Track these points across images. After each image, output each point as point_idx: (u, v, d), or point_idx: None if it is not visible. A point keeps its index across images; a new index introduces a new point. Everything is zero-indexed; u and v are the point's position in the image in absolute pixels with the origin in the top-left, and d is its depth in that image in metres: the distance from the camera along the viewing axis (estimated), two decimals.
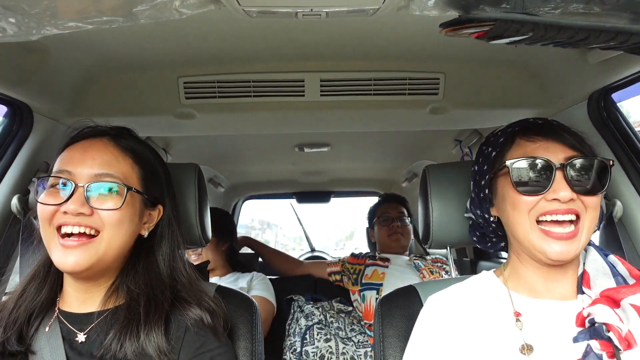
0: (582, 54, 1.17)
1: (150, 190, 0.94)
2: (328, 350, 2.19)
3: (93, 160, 0.87)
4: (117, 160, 0.90)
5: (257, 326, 1.08)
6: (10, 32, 0.74)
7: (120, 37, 1.14)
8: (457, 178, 1.16)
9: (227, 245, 2.26)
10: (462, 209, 1.13)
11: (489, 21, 0.69)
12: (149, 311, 0.86)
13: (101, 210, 0.85)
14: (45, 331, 0.87)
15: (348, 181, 3.58)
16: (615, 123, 1.28)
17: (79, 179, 0.85)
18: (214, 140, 2.21)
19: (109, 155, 0.90)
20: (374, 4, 0.81)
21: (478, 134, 2.01)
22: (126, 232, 0.88)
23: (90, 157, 0.88)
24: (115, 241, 0.86)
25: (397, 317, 1.08)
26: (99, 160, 0.88)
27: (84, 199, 0.84)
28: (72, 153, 0.90)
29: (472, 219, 1.06)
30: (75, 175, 0.86)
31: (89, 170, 0.86)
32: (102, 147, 0.90)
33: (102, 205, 0.85)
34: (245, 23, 1.04)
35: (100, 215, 0.85)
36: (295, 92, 1.39)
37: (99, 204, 0.85)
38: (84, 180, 0.85)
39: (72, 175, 0.86)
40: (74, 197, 0.84)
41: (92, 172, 0.86)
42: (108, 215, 0.85)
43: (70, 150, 0.90)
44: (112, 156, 0.90)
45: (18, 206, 1.24)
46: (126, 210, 0.87)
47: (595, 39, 0.71)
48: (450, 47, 1.25)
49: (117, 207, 0.86)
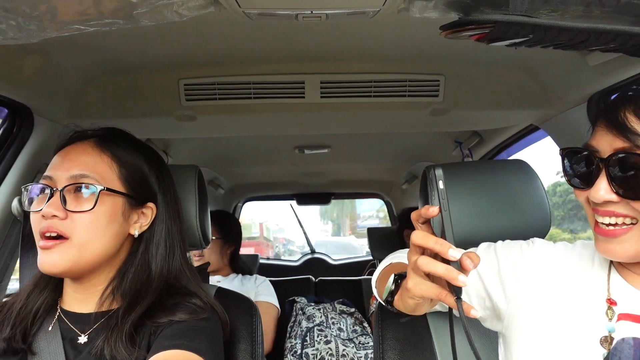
0: (582, 56, 1.17)
1: (135, 190, 0.93)
2: (328, 353, 2.19)
3: (70, 163, 0.88)
4: (94, 161, 0.90)
5: (257, 328, 1.08)
6: (11, 35, 0.74)
7: (121, 39, 1.15)
8: (458, 179, 1.16)
9: (233, 248, 2.27)
10: (463, 210, 1.13)
11: (488, 23, 0.69)
12: (134, 316, 0.85)
13: (74, 212, 0.85)
14: (48, 330, 0.87)
15: (348, 183, 3.58)
16: None
17: (58, 183, 0.86)
18: (214, 142, 2.21)
19: (87, 157, 0.90)
20: (374, 6, 0.81)
21: (478, 135, 2.01)
22: (104, 234, 0.87)
23: (68, 159, 0.89)
24: (92, 243, 0.86)
25: (397, 320, 1.08)
26: (76, 162, 0.88)
27: (60, 203, 0.84)
28: (55, 159, 0.91)
29: None
30: (55, 179, 0.87)
31: (66, 173, 0.87)
32: (81, 150, 0.90)
33: (78, 208, 0.85)
34: (246, 25, 1.04)
35: (74, 218, 0.85)
36: (296, 94, 1.39)
37: (75, 207, 0.85)
38: (62, 183, 0.86)
39: (52, 181, 0.87)
40: (51, 201, 0.84)
41: (69, 174, 0.86)
42: (80, 217, 0.85)
43: (56, 156, 0.92)
44: (90, 157, 0.90)
45: (19, 208, 1.24)
46: (101, 212, 0.87)
47: (595, 41, 0.71)
48: (450, 49, 1.25)
49: (89, 208, 0.85)
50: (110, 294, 0.90)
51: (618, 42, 0.71)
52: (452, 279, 0.64)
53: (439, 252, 0.65)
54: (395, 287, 0.82)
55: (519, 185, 1.14)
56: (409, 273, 0.71)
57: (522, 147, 2.04)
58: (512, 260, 0.89)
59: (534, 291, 0.85)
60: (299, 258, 4.20)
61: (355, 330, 2.37)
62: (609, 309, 0.77)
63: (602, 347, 0.75)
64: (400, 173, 3.03)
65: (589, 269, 0.83)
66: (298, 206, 3.98)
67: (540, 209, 1.13)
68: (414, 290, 0.69)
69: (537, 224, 1.13)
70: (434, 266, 0.65)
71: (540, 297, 0.84)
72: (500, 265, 0.89)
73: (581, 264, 0.84)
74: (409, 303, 0.74)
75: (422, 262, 0.66)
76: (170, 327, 0.85)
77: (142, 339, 0.86)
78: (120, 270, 0.92)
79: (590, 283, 0.81)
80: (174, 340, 0.82)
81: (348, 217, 15.27)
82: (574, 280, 0.83)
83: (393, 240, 2.46)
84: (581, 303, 0.80)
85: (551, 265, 0.86)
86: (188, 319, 0.87)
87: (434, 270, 0.65)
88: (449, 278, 0.64)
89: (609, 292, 0.79)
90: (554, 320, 0.80)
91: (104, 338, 0.83)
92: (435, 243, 0.66)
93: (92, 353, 0.84)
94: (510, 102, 1.44)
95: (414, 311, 0.77)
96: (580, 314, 0.79)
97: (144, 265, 0.93)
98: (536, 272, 0.86)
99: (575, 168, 0.78)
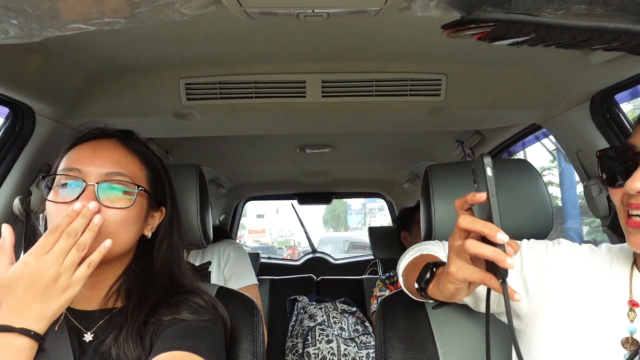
0: (585, 55, 1.16)
1: (156, 192, 0.95)
2: (330, 352, 2.19)
3: (103, 160, 0.88)
4: (127, 160, 0.91)
5: (258, 327, 1.08)
6: (12, 34, 0.74)
7: (122, 39, 1.15)
8: (460, 178, 1.16)
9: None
10: None
11: (491, 22, 0.69)
12: (142, 314, 0.86)
13: (111, 208, 0.85)
14: (55, 329, 0.88)
15: (349, 182, 3.58)
16: (618, 124, 1.28)
17: (88, 178, 0.85)
18: (215, 141, 2.21)
19: (119, 155, 0.90)
20: (375, 5, 0.80)
21: (480, 135, 2.01)
22: (130, 231, 0.89)
23: (100, 156, 0.88)
24: (119, 237, 0.86)
25: (398, 319, 1.08)
26: (109, 160, 0.88)
27: (95, 197, 0.84)
28: (81, 152, 0.89)
29: None
30: (85, 173, 0.86)
31: (99, 169, 0.86)
32: (111, 147, 0.91)
33: (112, 204, 0.85)
34: (247, 24, 1.04)
35: (108, 213, 0.85)
36: (297, 94, 1.39)
37: (109, 203, 0.85)
38: (94, 179, 0.85)
39: (81, 174, 0.86)
40: (84, 195, 0.83)
41: (102, 171, 0.86)
42: (116, 214, 0.85)
43: (78, 149, 0.90)
44: (122, 156, 0.90)
45: (20, 207, 1.25)
46: (134, 210, 0.88)
47: (597, 40, 0.71)
48: (452, 47, 1.25)
49: (127, 206, 0.86)
50: (117, 291, 0.91)
51: (621, 41, 0.71)
52: (500, 261, 0.65)
53: (487, 234, 0.66)
54: (431, 275, 0.83)
55: (520, 185, 1.14)
56: (452, 258, 0.72)
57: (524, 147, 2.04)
58: (536, 258, 0.90)
59: (557, 291, 0.85)
60: (299, 257, 4.20)
61: (356, 330, 2.37)
62: (630, 311, 0.78)
63: (624, 348, 0.75)
64: (402, 172, 3.03)
65: (611, 270, 0.84)
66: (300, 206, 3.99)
67: (543, 209, 1.13)
68: (457, 274, 0.70)
69: (539, 224, 1.13)
70: (483, 248, 0.66)
71: (562, 297, 0.84)
72: (524, 263, 0.90)
73: (604, 266, 0.85)
74: (448, 288, 0.74)
75: (470, 244, 0.67)
76: (172, 327, 0.85)
77: (145, 338, 0.86)
78: (128, 268, 0.93)
79: (613, 284, 0.82)
80: (176, 341, 0.82)
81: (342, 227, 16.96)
82: (596, 281, 0.84)
83: (394, 240, 2.46)
84: (603, 304, 0.81)
85: (575, 266, 0.87)
86: (191, 318, 0.87)
87: (483, 252, 0.66)
88: (497, 260, 0.65)
89: (631, 293, 0.79)
90: (575, 321, 0.81)
91: (113, 337, 0.84)
92: (484, 226, 0.67)
93: (98, 351, 0.85)
94: (512, 101, 1.44)
95: (452, 297, 0.78)
96: (601, 315, 0.79)
97: (150, 264, 0.94)
98: (560, 272, 0.87)
99: (612, 167, 0.79)
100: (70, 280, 0.76)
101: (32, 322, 0.74)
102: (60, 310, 0.77)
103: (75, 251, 0.76)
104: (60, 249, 0.76)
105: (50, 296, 0.75)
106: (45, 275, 0.74)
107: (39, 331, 0.75)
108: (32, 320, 0.74)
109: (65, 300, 0.77)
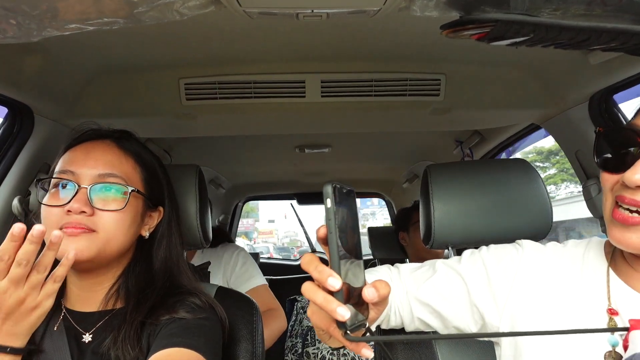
0: (584, 55, 1.16)
1: (152, 192, 0.95)
2: (329, 352, 2.19)
3: (96, 161, 0.88)
4: (120, 161, 0.91)
5: (258, 327, 1.08)
6: (10, 34, 0.74)
7: (121, 39, 1.14)
8: (459, 178, 1.16)
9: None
10: (464, 209, 1.13)
11: (489, 22, 0.69)
12: (141, 315, 0.86)
13: (104, 211, 0.85)
14: (54, 330, 0.88)
15: (349, 182, 3.57)
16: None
17: (82, 180, 0.86)
18: (214, 141, 2.21)
19: (112, 156, 0.90)
20: (375, 5, 0.81)
21: (479, 134, 2.01)
22: (126, 233, 0.89)
23: (93, 158, 0.88)
24: (115, 240, 0.87)
25: None
26: (102, 161, 0.88)
27: (87, 200, 0.84)
28: (75, 154, 0.90)
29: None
30: (79, 175, 0.86)
31: (92, 171, 0.87)
32: (105, 149, 0.91)
33: (105, 207, 0.85)
34: (246, 24, 1.04)
35: (102, 215, 0.85)
36: (296, 94, 1.39)
37: (102, 205, 0.85)
38: (87, 181, 0.86)
39: (75, 176, 0.86)
40: (77, 197, 0.84)
41: (95, 172, 0.87)
42: (110, 216, 0.85)
43: (72, 151, 0.91)
44: (115, 157, 0.90)
45: (19, 207, 1.24)
46: (128, 212, 0.88)
47: (596, 40, 0.71)
48: (451, 48, 1.25)
49: (120, 208, 0.86)
50: (116, 292, 0.91)
51: (619, 41, 0.71)
52: (330, 312, 0.53)
53: (317, 279, 0.55)
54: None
55: (519, 185, 1.14)
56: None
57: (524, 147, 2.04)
58: (502, 267, 0.83)
59: (529, 301, 0.79)
60: (299, 257, 4.20)
61: None
62: (610, 321, 0.71)
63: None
64: (401, 172, 3.03)
65: (583, 273, 0.78)
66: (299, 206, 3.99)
67: (542, 208, 1.13)
68: (312, 317, 0.62)
69: (538, 223, 1.13)
70: (314, 294, 0.56)
71: (535, 309, 0.78)
72: (490, 274, 0.83)
73: (574, 266, 0.79)
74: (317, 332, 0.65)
75: (304, 289, 0.57)
76: (169, 325, 0.86)
77: (143, 339, 0.86)
78: (126, 269, 0.93)
79: (588, 290, 0.75)
80: (173, 338, 0.82)
81: None
82: (570, 287, 0.77)
83: (393, 240, 2.46)
84: (580, 314, 0.74)
85: (543, 270, 0.80)
86: (188, 317, 0.87)
87: (313, 299, 0.55)
88: (327, 310, 0.54)
89: (609, 300, 0.73)
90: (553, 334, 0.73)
91: (112, 338, 0.84)
92: (315, 269, 0.55)
93: (97, 352, 0.85)
94: (511, 101, 1.44)
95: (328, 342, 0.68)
96: (580, 326, 0.73)
97: (149, 265, 0.94)
98: (529, 281, 0.80)
99: (610, 149, 0.71)
100: (36, 300, 0.75)
101: (7, 340, 0.74)
102: (35, 326, 0.77)
103: (36, 274, 0.73)
104: (16, 275, 0.71)
105: (19, 318, 0.74)
106: (8, 302, 0.72)
107: (17, 346, 0.75)
108: (6, 339, 0.74)
109: (36, 317, 0.76)
